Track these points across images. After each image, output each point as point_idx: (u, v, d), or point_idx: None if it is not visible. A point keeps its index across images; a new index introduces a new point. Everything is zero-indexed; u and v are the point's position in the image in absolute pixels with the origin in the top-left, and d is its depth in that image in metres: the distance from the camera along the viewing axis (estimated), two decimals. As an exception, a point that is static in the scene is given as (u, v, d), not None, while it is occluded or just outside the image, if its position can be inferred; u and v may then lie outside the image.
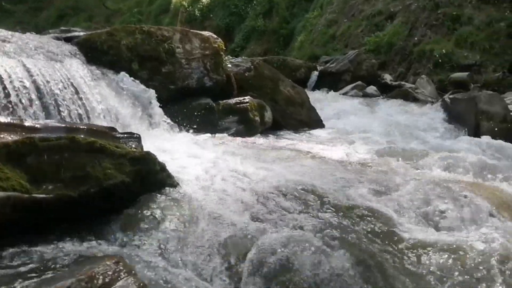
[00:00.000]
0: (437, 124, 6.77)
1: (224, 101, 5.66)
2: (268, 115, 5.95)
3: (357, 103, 8.33)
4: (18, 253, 2.18)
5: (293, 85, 6.87)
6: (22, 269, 2.04)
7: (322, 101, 8.07)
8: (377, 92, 9.53)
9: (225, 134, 5.20)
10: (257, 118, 5.69)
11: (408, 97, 8.85)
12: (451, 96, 7.49)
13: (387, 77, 10.27)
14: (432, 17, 11.24)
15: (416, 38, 11.09)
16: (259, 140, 5.22)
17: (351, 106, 8.07)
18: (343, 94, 9.49)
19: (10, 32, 4.64)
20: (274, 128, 6.04)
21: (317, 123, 6.61)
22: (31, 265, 2.08)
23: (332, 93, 9.41)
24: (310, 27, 15.17)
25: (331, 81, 10.09)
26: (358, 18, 13.39)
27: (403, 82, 10.01)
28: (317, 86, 10.10)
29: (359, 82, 9.84)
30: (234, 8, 17.78)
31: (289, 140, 5.36)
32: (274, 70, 6.92)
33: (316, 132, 6.20)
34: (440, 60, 10.04)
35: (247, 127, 5.55)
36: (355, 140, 5.38)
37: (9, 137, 2.38)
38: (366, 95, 9.36)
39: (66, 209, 2.46)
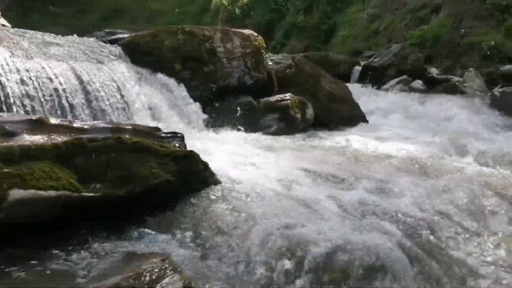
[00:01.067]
0: (487, 118, 6.51)
1: (265, 98, 5.65)
2: (310, 112, 5.90)
3: (402, 98, 8.12)
4: (69, 249, 2.26)
5: (335, 81, 6.78)
6: (73, 265, 2.11)
7: (365, 97, 7.92)
8: (423, 87, 9.24)
9: (266, 132, 5.19)
10: (298, 115, 5.65)
11: (456, 91, 8.54)
12: (500, 90, 7.18)
13: (433, 71, 9.95)
14: (480, 8, 10.81)
15: (463, 31, 10.70)
16: (300, 137, 5.18)
17: (396, 101, 7.88)
18: (387, 89, 9.27)
19: (58, 36, 4.81)
20: (316, 125, 5.97)
21: (361, 119, 6.49)
22: (81, 261, 2.15)
23: (375, 88, 9.22)
24: (351, 22, 14.94)
25: (374, 76, 9.89)
26: (402, 12, 13.07)
27: (450, 76, 9.67)
28: (360, 82, 9.92)
29: (404, 77, 9.58)
30: (274, 4, 17.72)
31: (331, 137, 5.29)
32: (315, 66, 6.84)
33: (360, 128, 6.09)
34: (488, 53, 9.63)
35: (288, 124, 5.52)
36: (401, 136, 5.24)
37: (59, 138, 2.47)
38: (411, 90, 9.09)
39: (113, 208, 2.53)
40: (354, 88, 7.81)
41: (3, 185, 2.12)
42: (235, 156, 3.79)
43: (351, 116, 6.46)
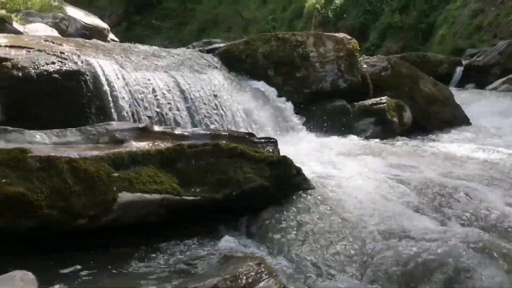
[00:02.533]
0: None
1: (360, 102, 5.55)
2: (407, 115, 5.68)
3: (510, 99, 7.50)
4: (170, 250, 2.39)
5: (434, 82, 6.45)
6: (174, 265, 2.23)
7: (468, 98, 7.42)
8: (533, 86, 8.49)
9: (361, 137, 5.09)
10: (395, 119, 5.47)
11: None
12: None
13: (546, 69, 9.08)
14: None
15: None
16: (397, 141, 5.01)
17: (502, 102, 7.30)
18: (492, 89, 8.63)
19: (161, 48, 5.14)
20: (414, 128, 5.74)
21: (463, 122, 6.11)
22: (180, 261, 2.27)
23: (479, 89, 8.63)
24: (452, 19, 14.11)
25: (477, 76, 9.26)
26: (508, 5, 12.10)
27: None
28: (462, 82, 9.34)
29: (511, 76, 8.86)
30: (368, 6, 17.29)
31: (430, 141, 5.05)
32: (412, 67, 6.58)
33: (462, 131, 5.73)
34: None
35: (384, 128, 5.37)
36: (509, 141, 4.84)
37: (162, 145, 2.63)
38: (519, 90, 8.39)
39: (211, 211, 2.64)
40: (456, 89, 7.37)
41: (113, 188, 2.30)
42: (329, 161, 3.76)
43: (452, 119, 6.11)
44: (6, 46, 3.82)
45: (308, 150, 4.11)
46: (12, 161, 2.13)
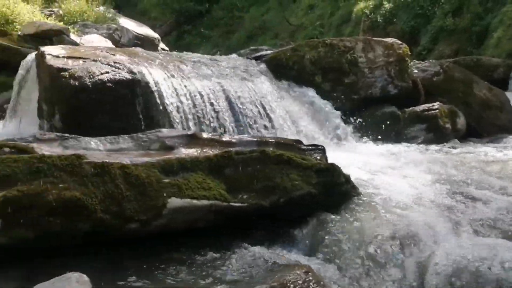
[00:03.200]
0: None
1: (410, 108, 5.42)
2: (461, 121, 5.49)
3: None
4: (217, 257, 2.39)
5: (490, 87, 6.20)
6: (221, 273, 2.23)
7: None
8: None
9: (412, 144, 4.95)
10: (448, 125, 5.30)
11: None
12: None
13: None
14: None
15: None
16: (450, 149, 4.83)
17: None
18: (554, 93, 8.17)
19: (208, 56, 5.24)
20: (468, 135, 5.53)
21: (520, 129, 5.83)
22: (228, 267, 2.27)
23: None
24: (508, 21, 13.51)
25: (537, 80, 8.80)
26: None
27: None
28: (520, 87, 8.90)
29: None
30: (419, 9, 16.84)
31: (485, 148, 4.83)
32: (466, 71, 6.35)
33: (520, 138, 5.46)
34: None
35: (436, 135, 5.21)
36: None
37: (210, 151, 2.67)
38: None
39: (257, 217, 2.64)
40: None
41: (163, 194, 2.36)
42: (379, 168, 3.68)
43: (508, 125, 5.85)
44: (64, 57, 4.02)
45: (357, 158, 4.04)
46: (69, 166, 2.23)
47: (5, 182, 2.11)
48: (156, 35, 12.52)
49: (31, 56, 4.53)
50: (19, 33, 6.92)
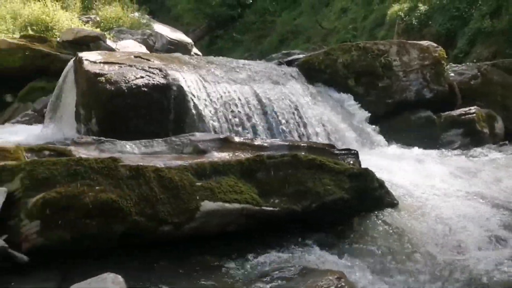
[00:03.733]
0: None
1: (446, 113, 5.30)
2: (499, 126, 5.34)
3: None
4: (249, 261, 2.39)
5: (531, 91, 5.99)
6: (253, 277, 2.23)
7: None
8: None
9: (448, 149, 4.84)
10: (486, 130, 5.16)
11: None
12: None
13: None
14: None
15: None
16: (488, 154, 4.68)
17: None
18: None
19: (241, 60, 5.27)
20: (508, 139, 5.35)
21: None
22: (260, 274, 2.27)
23: None
24: (550, 21, 13.03)
25: None
26: None
27: None
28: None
29: None
30: (455, 11, 16.45)
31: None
32: (505, 75, 6.16)
33: None
34: None
35: (473, 140, 5.08)
36: None
37: (242, 155, 2.68)
38: None
39: (289, 222, 2.63)
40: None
41: (196, 197, 2.38)
42: (413, 174, 3.61)
43: (550, 129, 5.63)
44: (100, 62, 4.12)
45: (391, 162, 3.97)
46: (105, 169, 2.28)
47: (44, 185, 2.17)
48: (189, 40, 12.67)
49: (71, 62, 4.64)
50: (58, 39, 7.13)
